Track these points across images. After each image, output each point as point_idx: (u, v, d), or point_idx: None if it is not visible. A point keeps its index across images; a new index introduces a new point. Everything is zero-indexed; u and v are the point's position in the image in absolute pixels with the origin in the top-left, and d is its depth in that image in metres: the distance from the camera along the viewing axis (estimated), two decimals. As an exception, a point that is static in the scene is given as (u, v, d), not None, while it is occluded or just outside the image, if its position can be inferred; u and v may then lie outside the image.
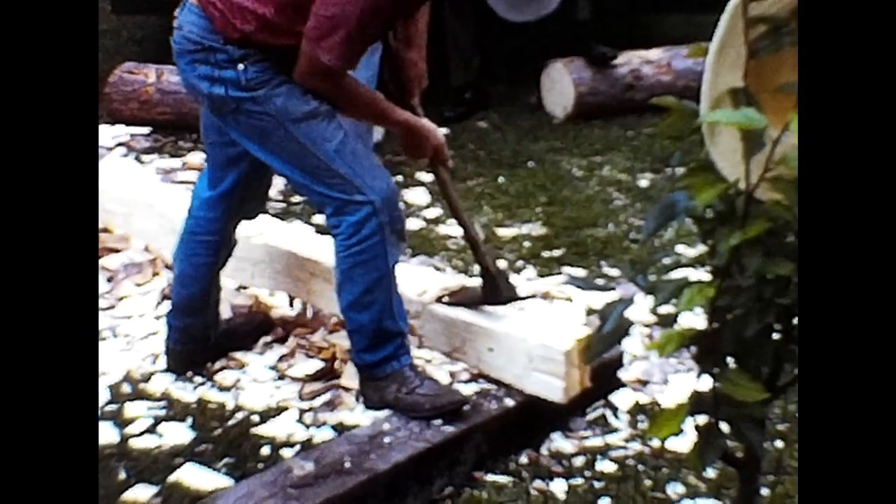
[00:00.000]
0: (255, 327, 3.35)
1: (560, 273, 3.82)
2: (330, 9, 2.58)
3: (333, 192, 2.78)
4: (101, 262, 3.72)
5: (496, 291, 3.06)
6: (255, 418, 2.98)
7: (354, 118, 2.88)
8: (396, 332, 2.87)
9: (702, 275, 1.60)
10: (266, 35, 2.68)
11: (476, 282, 3.14)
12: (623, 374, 3.17)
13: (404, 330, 2.90)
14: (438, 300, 3.13)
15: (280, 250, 3.47)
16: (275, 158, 2.80)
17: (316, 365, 3.16)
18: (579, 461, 2.84)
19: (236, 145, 2.88)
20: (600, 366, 3.01)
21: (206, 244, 3.08)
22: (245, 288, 3.57)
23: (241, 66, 2.70)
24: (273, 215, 4.00)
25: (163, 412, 3.01)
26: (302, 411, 2.99)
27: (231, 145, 2.91)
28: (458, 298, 3.12)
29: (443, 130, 5.39)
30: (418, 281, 3.23)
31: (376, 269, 2.80)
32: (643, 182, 4.69)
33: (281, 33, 2.68)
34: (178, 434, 2.91)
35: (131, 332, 3.41)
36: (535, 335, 2.91)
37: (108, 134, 5.15)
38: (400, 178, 4.66)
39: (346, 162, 2.76)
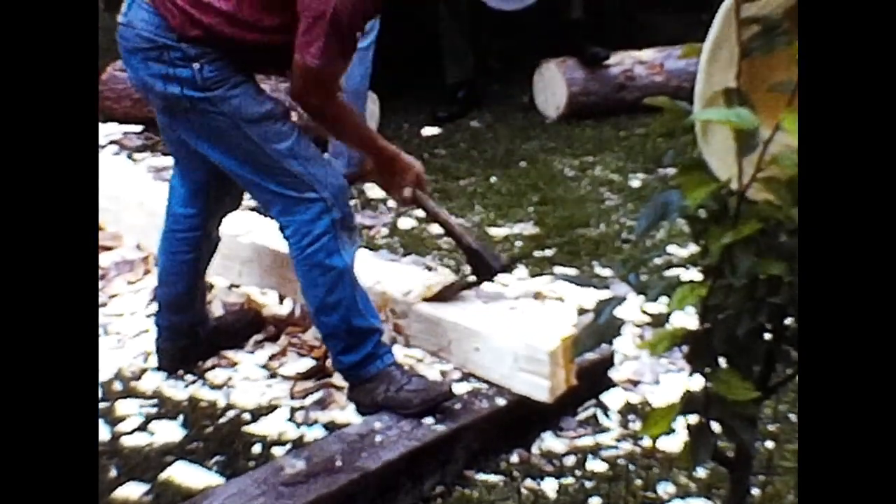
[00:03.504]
0: (247, 325, 3.34)
1: (552, 273, 3.82)
2: (309, 11, 2.59)
3: (285, 190, 2.78)
4: (93, 259, 3.71)
5: (485, 266, 3.07)
6: (247, 416, 2.98)
7: (343, 141, 2.90)
8: (369, 328, 2.86)
9: (693, 274, 1.60)
10: (235, 30, 2.67)
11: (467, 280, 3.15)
12: (614, 374, 3.17)
13: (377, 325, 2.89)
14: (429, 299, 3.13)
15: (267, 248, 3.47)
16: (227, 157, 2.80)
17: (307, 363, 3.15)
18: (570, 460, 2.84)
19: None
20: (591, 365, 3.02)
21: (187, 240, 3.07)
22: (237, 286, 3.57)
23: (196, 65, 2.69)
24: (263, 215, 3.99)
25: (154, 410, 3.00)
26: (293, 409, 2.99)
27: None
28: (450, 292, 3.12)
29: (435, 130, 5.44)
30: (403, 280, 3.23)
31: (333, 268, 2.80)
32: (635, 182, 4.69)
33: (247, 28, 2.68)
34: (170, 432, 2.90)
35: (122, 330, 3.40)
36: (520, 335, 2.91)
37: (101, 132, 5.13)
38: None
39: (299, 161, 2.77)
